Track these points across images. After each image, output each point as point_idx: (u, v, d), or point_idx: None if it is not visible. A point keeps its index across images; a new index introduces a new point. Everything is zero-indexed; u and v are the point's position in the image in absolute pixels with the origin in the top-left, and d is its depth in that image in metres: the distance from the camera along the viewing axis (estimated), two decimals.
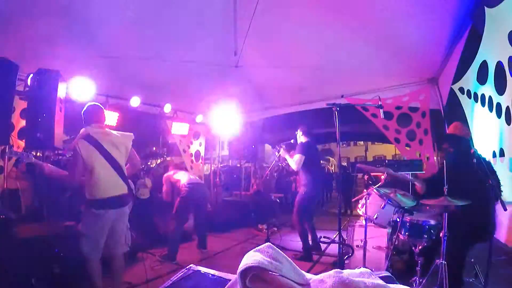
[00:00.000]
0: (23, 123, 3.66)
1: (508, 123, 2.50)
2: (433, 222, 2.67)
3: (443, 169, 2.45)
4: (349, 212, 8.49)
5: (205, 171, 8.22)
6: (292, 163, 4.39)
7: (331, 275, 0.81)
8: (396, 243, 2.86)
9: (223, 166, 10.23)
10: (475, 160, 2.40)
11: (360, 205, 3.45)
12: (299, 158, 4.32)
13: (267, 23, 3.66)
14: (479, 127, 3.29)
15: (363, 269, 0.91)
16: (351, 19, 3.56)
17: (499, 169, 2.72)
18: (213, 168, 8.06)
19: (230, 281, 0.91)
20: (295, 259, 4.21)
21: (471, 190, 2.35)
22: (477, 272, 2.70)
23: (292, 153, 4.51)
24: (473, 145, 3.28)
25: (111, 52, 3.87)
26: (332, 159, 21.61)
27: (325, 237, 4.63)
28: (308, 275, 0.86)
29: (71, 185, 3.21)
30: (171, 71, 4.56)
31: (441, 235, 2.33)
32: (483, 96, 3.02)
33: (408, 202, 3.07)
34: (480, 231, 2.48)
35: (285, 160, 4.68)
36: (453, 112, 4.12)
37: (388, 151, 24.09)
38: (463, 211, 2.29)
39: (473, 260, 2.74)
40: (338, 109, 2.85)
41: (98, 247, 2.57)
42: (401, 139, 5.01)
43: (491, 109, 2.83)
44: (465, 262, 2.59)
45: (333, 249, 4.20)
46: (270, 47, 4.27)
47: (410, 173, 4.21)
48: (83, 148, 2.55)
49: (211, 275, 1.09)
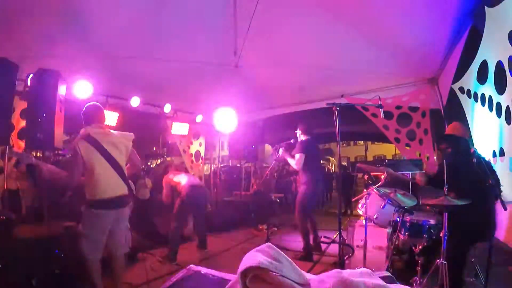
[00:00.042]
0: (23, 123, 3.66)
1: (508, 122, 2.50)
2: (433, 221, 2.67)
3: (442, 169, 2.45)
4: (349, 212, 8.48)
5: (205, 171, 8.22)
6: (292, 162, 4.39)
7: (331, 275, 0.81)
8: (396, 243, 2.86)
9: (223, 166, 10.23)
10: (475, 159, 2.40)
11: (360, 205, 3.45)
12: (299, 157, 4.31)
13: (267, 23, 3.66)
14: (479, 126, 3.29)
15: (363, 269, 0.91)
16: (351, 19, 3.56)
17: (499, 168, 2.72)
18: (213, 168, 8.06)
19: (230, 281, 0.91)
20: (296, 259, 4.21)
21: (471, 189, 2.35)
22: (477, 272, 2.70)
23: (292, 153, 4.51)
24: (473, 144, 3.28)
25: (111, 52, 3.87)
26: (332, 159, 21.59)
27: (325, 237, 4.64)
28: (308, 275, 0.86)
29: (71, 185, 3.21)
30: (171, 71, 4.56)
31: (441, 234, 2.33)
32: (483, 95, 3.02)
33: (408, 201, 3.08)
34: (480, 230, 2.48)
35: (285, 160, 4.68)
36: (453, 112, 4.11)
37: (388, 151, 24.11)
38: (463, 211, 2.29)
39: (473, 260, 2.74)
40: (338, 108, 2.85)
41: (98, 248, 2.57)
42: (401, 139, 5.01)
43: (491, 109, 2.83)
44: (465, 261, 2.59)
45: (334, 249, 4.19)
46: (270, 47, 4.26)
47: (410, 172, 4.22)
48: (83, 148, 2.54)
49: (211, 276, 1.09)
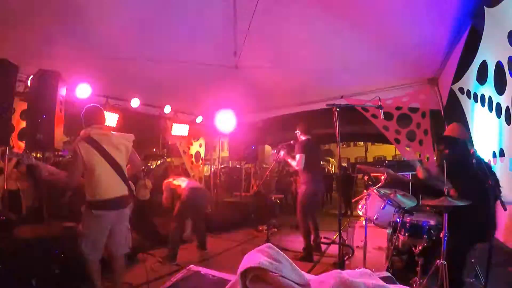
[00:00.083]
0: (23, 124, 3.67)
1: (508, 123, 2.50)
2: (433, 222, 2.67)
3: (441, 168, 2.45)
4: (349, 213, 8.46)
5: (205, 172, 8.22)
6: (294, 164, 4.41)
7: (331, 276, 0.81)
8: (396, 244, 2.86)
9: (223, 167, 10.24)
10: (475, 160, 2.39)
11: (360, 206, 3.45)
12: (299, 157, 4.32)
13: (267, 23, 3.67)
14: (479, 127, 3.29)
15: (363, 270, 0.91)
16: (351, 19, 3.56)
17: (499, 169, 2.72)
18: (213, 169, 8.06)
19: (230, 281, 0.91)
20: (296, 260, 4.21)
21: (471, 190, 2.35)
22: (477, 272, 2.69)
23: (293, 154, 4.52)
24: (473, 145, 3.28)
25: (111, 53, 3.87)
26: (332, 160, 21.59)
27: (325, 238, 4.63)
28: (308, 276, 0.86)
29: (70, 186, 3.21)
30: (171, 72, 4.56)
31: (441, 235, 2.33)
32: (483, 96, 3.02)
33: (408, 202, 3.07)
34: (480, 231, 2.47)
35: (285, 161, 4.68)
36: (453, 112, 4.11)
37: (388, 151, 24.13)
38: (463, 211, 2.29)
39: (473, 260, 2.74)
40: (338, 109, 2.85)
41: (98, 248, 2.57)
42: (401, 140, 5.00)
43: (491, 109, 2.83)
44: (465, 262, 2.59)
45: (334, 250, 4.19)
46: (270, 47, 4.27)
47: (410, 173, 4.21)
48: (84, 149, 2.55)
49: (211, 276, 1.09)
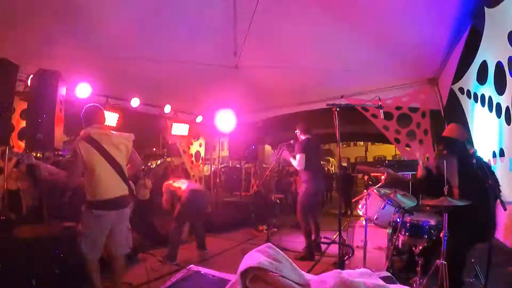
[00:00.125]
0: (23, 123, 3.66)
1: (508, 123, 2.50)
2: (433, 222, 2.67)
3: (440, 169, 2.45)
4: (349, 212, 8.46)
5: (205, 172, 8.22)
6: (295, 163, 4.42)
7: (331, 276, 0.81)
8: (396, 243, 2.86)
9: (223, 166, 10.23)
10: (475, 160, 2.39)
11: (360, 206, 3.45)
12: (300, 157, 4.33)
13: (267, 23, 3.67)
14: (479, 127, 3.29)
15: (363, 270, 0.91)
16: (351, 19, 3.56)
17: (499, 169, 2.72)
18: (213, 168, 8.06)
19: (230, 281, 0.91)
20: (297, 259, 4.22)
21: (471, 190, 2.35)
22: (477, 272, 2.69)
23: (293, 154, 4.52)
24: (473, 145, 3.28)
25: (111, 52, 3.87)
26: (332, 160, 21.58)
27: (325, 238, 4.63)
28: (308, 276, 0.86)
29: (70, 186, 3.21)
30: (171, 72, 4.56)
31: (441, 235, 2.33)
32: (483, 96, 3.02)
33: (408, 202, 3.07)
34: (480, 231, 2.48)
35: (285, 160, 4.68)
36: (453, 112, 4.12)
37: (388, 151, 24.14)
38: (463, 211, 2.29)
39: (473, 260, 2.74)
40: (338, 109, 2.85)
41: (97, 248, 2.57)
42: (401, 140, 5.01)
43: (491, 109, 2.83)
44: (465, 262, 2.59)
45: (334, 250, 4.19)
46: (270, 47, 4.27)
47: (410, 173, 4.21)
48: (84, 149, 2.54)
49: (211, 276, 1.09)
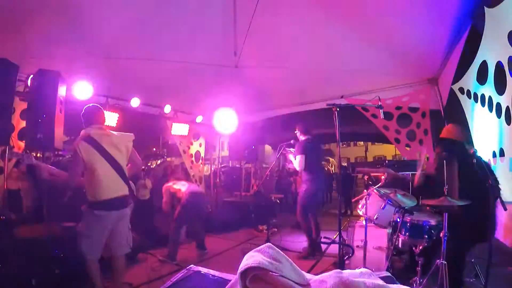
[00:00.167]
0: (23, 124, 3.66)
1: (508, 123, 2.50)
2: (433, 222, 2.67)
3: (439, 171, 2.45)
4: (349, 212, 8.47)
5: (205, 172, 8.22)
6: (296, 164, 4.42)
7: (331, 276, 0.81)
8: (396, 243, 2.86)
9: (223, 166, 10.23)
10: (475, 160, 2.39)
11: (360, 206, 3.45)
12: (300, 159, 4.33)
13: (267, 23, 3.66)
14: (479, 127, 3.29)
15: (363, 269, 0.91)
16: (351, 19, 3.56)
17: (499, 169, 2.72)
18: (213, 168, 8.06)
19: (230, 281, 0.91)
20: (300, 258, 4.25)
21: (471, 190, 2.35)
22: (477, 272, 2.70)
23: (293, 155, 4.52)
24: (473, 145, 3.28)
25: (111, 52, 3.88)
26: (332, 160, 21.57)
27: (325, 238, 4.63)
28: (308, 276, 0.86)
29: (71, 186, 3.21)
30: (171, 72, 4.56)
31: (441, 235, 2.33)
32: (483, 96, 3.02)
33: (408, 202, 3.07)
34: (480, 231, 2.47)
35: (286, 159, 4.70)
36: (453, 112, 4.12)
37: (388, 151, 24.13)
38: (463, 211, 2.29)
39: (473, 260, 2.74)
40: (338, 109, 2.85)
41: (97, 248, 2.57)
42: (401, 140, 5.01)
43: (491, 109, 2.83)
44: (465, 262, 2.59)
45: (334, 250, 4.19)
46: (270, 47, 4.27)
47: (410, 173, 4.20)
48: (84, 149, 2.54)
49: (211, 276, 1.09)
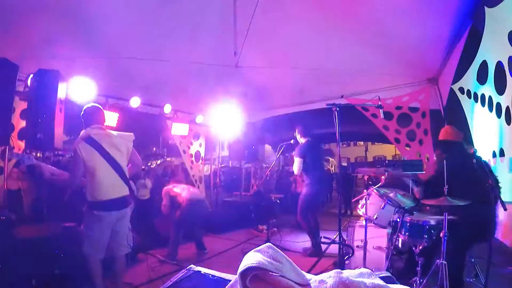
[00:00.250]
0: (23, 123, 3.66)
1: (508, 123, 2.50)
2: (433, 222, 2.67)
3: (439, 173, 2.45)
4: (349, 212, 8.48)
5: (205, 172, 8.22)
6: (294, 167, 4.43)
7: (331, 276, 0.81)
8: (396, 243, 2.86)
9: (223, 166, 10.23)
10: (475, 160, 2.40)
11: (360, 206, 3.45)
12: (297, 162, 4.32)
13: (267, 23, 3.66)
14: (479, 127, 3.29)
15: (363, 269, 0.90)
16: (351, 19, 3.56)
17: (499, 169, 2.72)
18: (213, 168, 8.06)
19: (230, 281, 0.91)
20: (305, 256, 4.29)
21: (471, 190, 2.35)
22: (477, 272, 2.70)
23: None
24: (472, 144, 3.28)
25: (111, 52, 3.87)
26: (332, 159, 21.55)
27: (325, 238, 4.63)
28: (308, 276, 0.86)
29: (72, 187, 3.21)
30: (171, 72, 4.56)
31: (441, 235, 2.33)
32: (483, 96, 3.02)
33: (408, 202, 3.07)
34: (480, 231, 2.48)
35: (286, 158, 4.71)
36: (453, 112, 4.12)
37: (388, 151, 24.13)
38: (463, 211, 2.29)
39: (473, 260, 2.74)
40: (338, 109, 2.85)
41: (100, 249, 2.57)
42: (401, 139, 5.01)
43: (491, 109, 2.83)
44: (465, 262, 2.59)
45: (333, 250, 4.19)
46: (270, 47, 4.26)
47: (410, 173, 4.20)
48: (84, 150, 2.54)
49: (211, 276, 1.08)
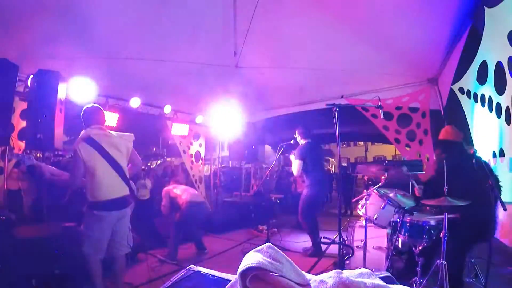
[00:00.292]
0: (23, 124, 3.67)
1: (508, 123, 2.50)
2: (433, 222, 2.67)
3: (439, 173, 2.45)
4: (349, 212, 8.47)
5: (205, 172, 8.22)
6: (293, 169, 4.43)
7: (331, 276, 0.81)
8: (396, 244, 2.86)
9: (223, 167, 10.22)
10: (475, 160, 2.40)
11: (360, 206, 3.45)
12: (297, 164, 4.32)
13: (267, 23, 3.66)
14: (479, 127, 3.29)
15: (363, 270, 0.90)
16: (351, 19, 3.56)
17: (499, 169, 2.72)
18: (213, 169, 8.06)
19: (230, 281, 0.91)
20: (306, 256, 4.29)
21: (471, 190, 2.35)
22: (477, 272, 2.70)
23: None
24: (472, 144, 3.28)
25: (111, 52, 3.87)
26: (332, 160, 21.55)
27: (325, 238, 4.63)
28: (308, 276, 0.86)
29: (73, 187, 3.21)
30: (171, 72, 4.56)
31: (441, 235, 2.33)
32: (483, 96, 3.02)
33: (408, 202, 3.07)
34: (480, 231, 2.48)
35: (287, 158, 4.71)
36: (453, 112, 4.12)
37: (388, 151, 24.08)
38: (463, 211, 2.29)
39: (473, 260, 2.74)
40: (338, 109, 2.85)
41: (100, 249, 2.57)
42: (401, 140, 5.01)
43: (491, 109, 2.83)
44: (465, 262, 2.59)
45: (333, 250, 4.19)
46: (270, 47, 4.26)
47: (410, 173, 4.20)
48: (84, 150, 2.54)
49: (211, 276, 1.09)
